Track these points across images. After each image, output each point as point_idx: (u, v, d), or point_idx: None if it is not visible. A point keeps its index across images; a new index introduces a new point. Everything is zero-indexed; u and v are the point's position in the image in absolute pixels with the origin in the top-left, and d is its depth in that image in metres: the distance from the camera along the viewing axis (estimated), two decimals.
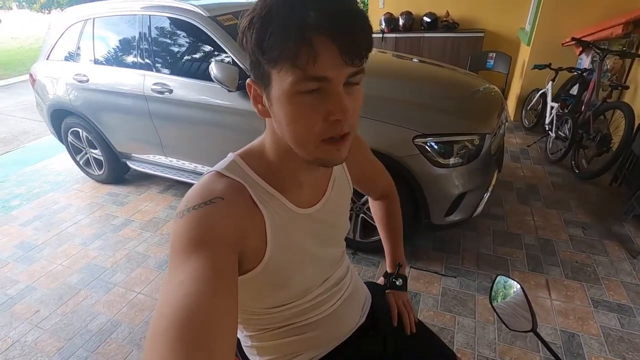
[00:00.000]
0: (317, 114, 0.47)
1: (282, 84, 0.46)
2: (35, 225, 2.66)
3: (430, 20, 4.26)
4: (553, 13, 3.34)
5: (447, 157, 1.76)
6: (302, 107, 0.47)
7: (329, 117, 0.47)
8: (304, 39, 0.42)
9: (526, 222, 2.34)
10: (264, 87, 0.50)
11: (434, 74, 2.44)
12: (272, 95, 0.49)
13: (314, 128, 0.48)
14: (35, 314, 1.88)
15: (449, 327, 1.67)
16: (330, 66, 0.44)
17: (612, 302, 1.73)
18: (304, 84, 0.45)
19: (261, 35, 0.44)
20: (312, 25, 0.42)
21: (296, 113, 0.48)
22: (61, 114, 2.97)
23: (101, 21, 2.60)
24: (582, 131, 2.74)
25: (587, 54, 3.24)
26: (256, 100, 0.53)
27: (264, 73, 0.48)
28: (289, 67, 0.44)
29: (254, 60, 0.48)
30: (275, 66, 0.46)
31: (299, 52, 0.43)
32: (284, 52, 0.44)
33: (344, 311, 0.75)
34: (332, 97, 0.46)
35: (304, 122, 0.48)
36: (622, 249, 2.06)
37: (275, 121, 0.52)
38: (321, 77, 0.45)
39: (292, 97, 0.46)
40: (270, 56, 0.45)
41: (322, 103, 0.47)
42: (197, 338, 0.38)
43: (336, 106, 0.47)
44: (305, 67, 0.44)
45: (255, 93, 0.53)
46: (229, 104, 2.10)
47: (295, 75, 0.44)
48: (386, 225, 0.95)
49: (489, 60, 3.84)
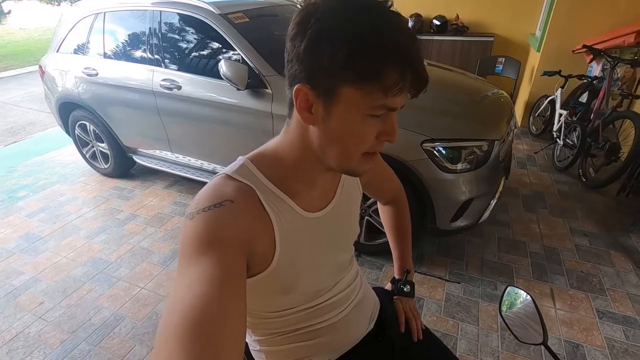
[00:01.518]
0: (373, 133, 0.52)
1: (357, 103, 0.48)
2: (41, 216, 2.68)
3: (440, 23, 4.24)
4: (564, 19, 3.31)
5: (455, 163, 1.75)
6: (365, 128, 0.51)
7: (380, 136, 0.52)
8: (404, 73, 0.46)
9: (532, 229, 2.33)
10: (324, 99, 0.49)
11: (443, 78, 2.42)
12: (334, 108, 0.49)
13: (366, 144, 0.53)
14: (39, 306, 1.89)
15: (452, 333, 1.67)
16: (403, 98, 0.50)
17: (617, 314, 1.72)
18: (379, 110, 0.49)
19: (356, 53, 0.45)
20: (412, 62, 0.46)
21: (357, 132, 0.51)
22: (69, 107, 2.98)
23: (112, 15, 2.60)
24: (591, 139, 2.72)
25: (598, 61, 3.21)
26: (304, 107, 0.51)
27: (332, 86, 0.48)
28: (376, 92, 0.47)
29: (324, 70, 0.47)
30: (358, 85, 0.47)
31: (396, 82, 0.46)
32: (380, 77, 0.45)
33: (354, 317, 0.75)
34: (390, 121, 0.52)
35: (360, 139, 0.52)
36: (629, 260, 2.05)
37: (322, 132, 0.53)
38: (394, 107, 0.50)
39: (361, 117, 0.50)
40: (361, 75, 0.46)
41: (380, 124, 0.51)
42: (206, 339, 0.38)
43: (391, 129, 0.52)
44: (389, 96, 0.47)
45: (305, 99, 0.51)
46: (238, 102, 2.10)
47: (379, 101, 0.47)
48: (395, 231, 0.95)
49: (498, 65, 3.82)
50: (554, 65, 3.24)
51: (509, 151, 2.18)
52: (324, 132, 0.52)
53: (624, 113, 2.68)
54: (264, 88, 2.02)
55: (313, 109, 0.51)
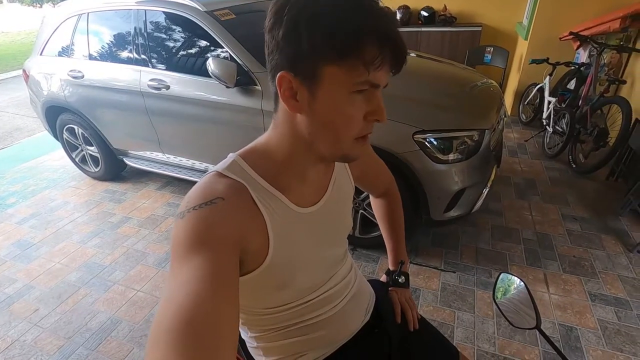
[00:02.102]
0: (360, 114, 0.52)
1: (340, 81, 0.48)
2: (32, 223, 2.64)
3: (428, 15, 4.24)
4: (551, 7, 3.33)
5: (447, 153, 1.76)
6: (351, 106, 0.50)
7: (368, 116, 0.52)
8: (382, 47, 0.46)
9: (524, 217, 2.36)
10: (307, 83, 0.49)
11: (433, 69, 2.43)
12: (318, 91, 0.49)
13: (355, 126, 0.52)
14: (34, 313, 1.87)
15: (449, 322, 1.69)
16: (385, 75, 0.50)
17: (609, 296, 1.75)
18: (363, 85, 0.49)
19: (331, 30, 0.45)
20: (389, 36, 0.46)
21: (344, 111, 0.51)
22: (56, 111, 2.93)
23: (96, 16, 2.56)
24: (580, 126, 2.75)
25: (585, 48, 3.24)
26: (289, 95, 0.51)
27: (313, 68, 0.48)
28: (358, 67, 0.47)
29: (303, 53, 0.47)
30: (338, 63, 0.47)
31: (376, 55, 0.46)
32: (360, 52, 0.46)
33: (350, 310, 0.75)
34: (375, 99, 0.52)
35: (349, 120, 0.52)
36: (619, 243, 2.08)
37: (310, 118, 0.52)
38: (378, 83, 0.50)
39: (346, 96, 0.49)
40: (337, 53, 0.46)
41: (366, 104, 0.51)
42: (199, 338, 0.38)
43: (378, 108, 0.52)
44: (371, 71, 0.47)
45: (289, 87, 0.50)
46: (227, 100, 2.08)
47: (361, 76, 0.48)
48: (388, 223, 0.95)
49: (487, 55, 3.84)
50: (542, 53, 3.26)
51: (500, 140, 2.20)
52: (312, 118, 0.52)
53: (612, 98, 2.72)
54: (254, 85, 2.00)
55: (298, 96, 0.51)
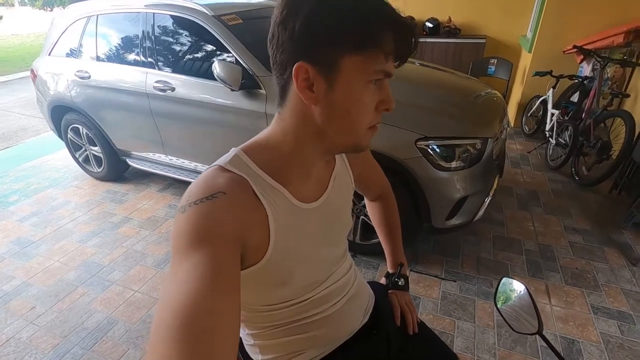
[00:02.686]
0: (373, 103, 0.54)
1: (358, 70, 0.49)
2: (33, 221, 2.64)
3: (433, 26, 4.28)
4: (555, 21, 3.36)
5: (449, 161, 1.76)
6: (367, 95, 0.52)
7: (379, 106, 0.54)
8: (399, 38, 0.49)
9: (526, 227, 2.34)
10: (325, 72, 0.50)
11: (437, 78, 2.44)
12: (336, 80, 0.50)
13: (369, 115, 0.54)
14: (30, 311, 1.86)
15: (449, 331, 1.66)
16: (395, 65, 0.52)
17: (612, 309, 1.73)
18: (380, 74, 0.51)
19: (354, 21, 0.47)
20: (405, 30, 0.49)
21: (361, 100, 0.52)
22: (62, 110, 2.95)
23: (104, 18, 2.60)
24: (583, 138, 2.75)
25: (588, 62, 3.26)
26: (304, 86, 0.51)
27: (332, 57, 0.49)
28: (377, 55, 0.49)
29: (320, 43, 0.48)
30: (357, 53, 0.48)
31: (393, 46, 0.49)
32: (379, 42, 0.48)
33: (349, 310, 0.75)
34: (384, 89, 0.54)
35: (364, 110, 0.53)
36: (622, 256, 2.06)
37: (325, 108, 0.53)
38: (390, 73, 0.52)
39: (363, 85, 0.51)
40: (360, 41, 0.48)
41: (377, 93, 0.53)
42: (200, 335, 0.38)
43: (388, 97, 0.54)
44: (389, 60, 0.50)
45: (306, 77, 0.50)
46: (232, 103, 2.09)
47: (380, 65, 0.50)
48: (385, 227, 0.95)
49: (491, 66, 3.86)
50: (545, 66, 3.28)
51: (503, 150, 2.20)
52: (328, 108, 0.52)
53: (615, 112, 2.72)
54: (258, 88, 2.02)
55: (314, 86, 0.51)
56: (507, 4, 4.06)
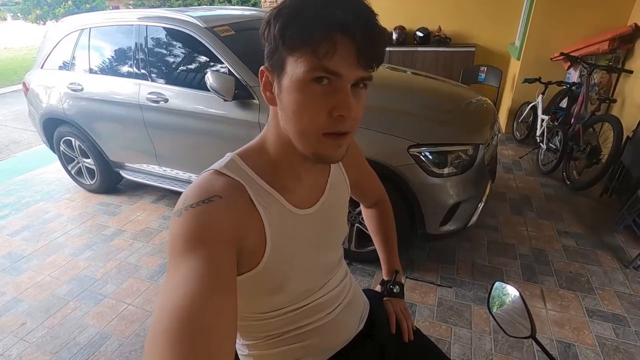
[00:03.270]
0: (323, 107, 0.49)
1: (297, 71, 0.48)
2: (24, 235, 2.60)
3: (423, 35, 4.35)
4: (541, 29, 3.44)
5: (442, 167, 1.77)
6: (310, 96, 0.49)
7: (333, 111, 0.49)
8: (329, 33, 0.46)
9: (520, 232, 2.36)
10: (277, 75, 0.51)
11: (428, 86, 2.48)
12: (283, 82, 0.51)
13: (318, 120, 0.50)
14: (20, 327, 1.82)
15: (445, 338, 1.66)
16: (345, 64, 0.47)
17: (606, 312, 1.74)
18: (317, 71, 0.47)
19: (288, 22, 0.47)
20: (339, 24, 0.46)
21: (304, 101, 0.49)
22: (54, 123, 2.94)
23: (97, 31, 2.61)
24: (572, 143, 2.79)
25: (576, 68, 3.33)
26: (266, 88, 0.55)
27: (280, 60, 0.50)
28: (307, 55, 0.47)
29: (273, 47, 0.50)
30: (294, 53, 0.48)
31: (321, 43, 0.46)
32: (307, 41, 0.46)
33: (344, 318, 0.74)
34: (339, 93, 0.49)
35: (309, 112, 0.50)
36: (615, 259, 2.08)
37: (280, 110, 0.54)
38: (334, 71, 0.47)
39: (303, 85, 0.49)
40: (291, 42, 0.47)
41: (329, 97, 0.49)
42: (197, 338, 0.38)
43: (342, 102, 0.49)
44: (322, 58, 0.46)
45: (267, 80, 0.54)
46: (225, 113, 2.10)
47: (313, 63, 0.47)
48: (381, 234, 0.95)
49: (481, 74, 3.92)
50: (534, 73, 3.34)
51: (494, 155, 2.22)
52: (281, 109, 0.53)
53: (603, 117, 2.77)
54: (251, 99, 2.03)
55: (273, 88, 0.53)
56: (496, 14, 4.15)
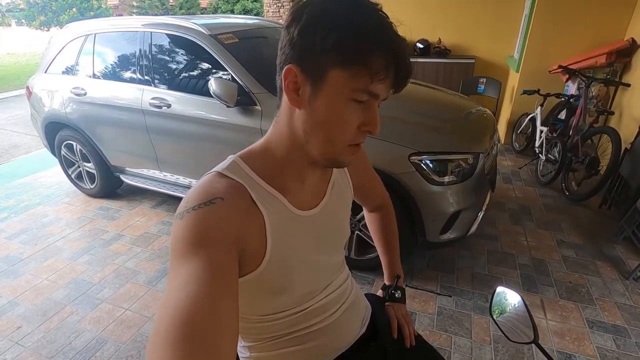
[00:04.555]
0: (355, 122, 0.53)
1: (342, 85, 0.49)
2: (22, 238, 2.59)
3: (423, 46, 4.41)
4: (540, 42, 3.49)
5: (442, 175, 1.78)
6: (347, 112, 0.52)
7: (362, 126, 0.53)
8: (390, 61, 0.48)
9: (519, 242, 2.36)
10: (312, 81, 0.51)
11: (429, 95, 2.50)
12: (321, 90, 0.51)
13: (348, 133, 0.53)
14: (16, 331, 1.80)
15: (445, 347, 1.64)
16: (387, 89, 0.52)
17: (607, 323, 1.73)
18: (362, 94, 0.50)
19: (344, 36, 0.47)
20: (396, 50, 0.49)
21: (342, 116, 0.52)
22: (56, 127, 2.95)
23: (102, 37, 2.64)
24: (571, 154, 2.81)
25: (574, 81, 3.37)
26: (291, 88, 0.52)
27: (321, 68, 0.50)
28: (361, 76, 0.48)
29: (316, 52, 0.49)
30: (345, 68, 0.48)
31: (381, 68, 0.48)
32: (367, 61, 0.48)
33: (346, 321, 0.74)
34: (371, 111, 0.53)
35: (343, 125, 0.53)
36: (615, 270, 2.08)
37: (308, 115, 0.53)
38: (378, 94, 0.51)
39: (345, 101, 0.51)
40: (345, 58, 0.48)
41: (362, 114, 0.52)
42: (198, 339, 0.38)
43: (372, 120, 0.53)
44: (375, 82, 0.49)
45: (294, 80, 0.52)
46: (227, 119, 2.12)
47: (365, 85, 0.49)
48: (383, 238, 0.95)
49: (480, 85, 3.96)
50: (533, 85, 3.38)
51: (494, 165, 2.24)
52: (310, 115, 0.53)
53: (601, 128, 2.80)
54: (254, 105, 2.05)
55: (300, 90, 0.52)
56: (495, 27, 4.22)
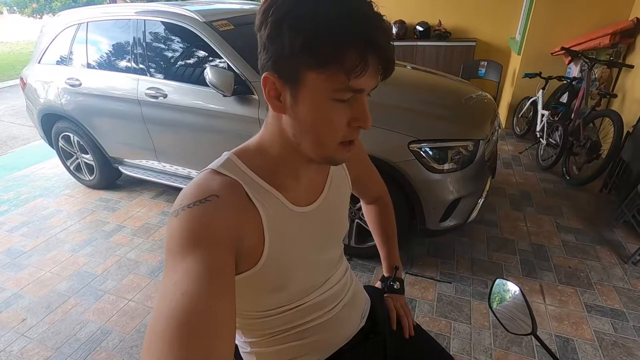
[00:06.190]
0: (344, 119, 0.51)
1: (320, 88, 0.47)
2: (24, 231, 2.60)
3: (423, 29, 4.32)
4: (543, 23, 3.42)
5: (442, 163, 1.77)
6: (333, 112, 0.49)
7: (352, 122, 0.51)
8: (364, 54, 0.45)
9: (519, 228, 2.36)
10: (290, 85, 0.49)
11: (428, 81, 2.46)
12: (300, 95, 0.49)
13: (338, 132, 0.51)
14: (21, 323, 1.83)
15: (445, 333, 1.67)
16: (369, 80, 0.48)
17: (605, 307, 1.75)
18: (344, 93, 0.48)
19: (313, 37, 0.44)
20: (371, 42, 0.45)
21: (326, 117, 0.50)
22: (52, 119, 2.93)
23: (95, 25, 2.58)
24: (572, 138, 2.79)
25: (576, 63, 3.31)
26: (272, 95, 0.51)
27: (295, 72, 0.47)
28: (337, 75, 0.46)
29: (287, 56, 0.46)
30: (319, 69, 0.46)
31: (355, 65, 0.45)
32: (339, 60, 0.45)
33: (345, 315, 0.74)
34: (360, 105, 0.50)
35: (330, 126, 0.51)
36: (614, 254, 2.09)
37: (294, 120, 0.52)
38: (360, 89, 0.48)
39: (327, 102, 0.49)
40: (318, 59, 0.45)
41: (350, 110, 0.50)
42: (195, 338, 0.38)
43: (362, 114, 0.51)
44: (352, 78, 0.46)
45: (273, 87, 0.50)
46: (224, 109, 2.09)
47: (340, 83, 0.46)
48: (381, 230, 0.95)
49: (481, 69, 3.90)
50: (534, 68, 3.33)
51: (494, 151, 2.22)
52: (295, 120, 0.52)
53: (603, 112, 2.76)
54: (251, 94, 2.02)
55: (282, 96, 0.51)
56: (496, 8, 4.12)
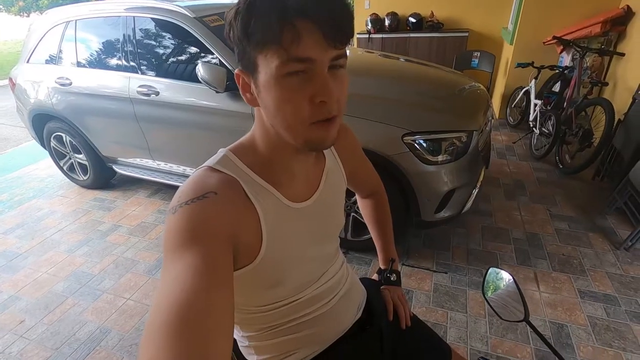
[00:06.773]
0: (304, 96, 0.48)
1: (269, 68, 0.47)
2: (18, 233, 2.59)
3: (416, 21, 4.31)
4: (534, 13, 3.42)
5: (436, 155, 1.78)
6: (288, 90, 0.48)
7: (314, 99, 0.48)
8: (286, 21, 0.44)
9: (514, 217, 2.39)
10: (252, 75, 0.51)
11: (421, 73, 2.46)
12: (259, 81, 0.50)
13: (302, 111, 0.49)
14: (20, 324, 1.83)
15: (442, 322, 1.69)
16: (313, 47, 0.46)
17: (598, 293, 1.78)
18: (290, 65, 0.46)
19: (246, 21, 0.46)
20: (295, 8, 0.44)
21: (283, 96, 0.48)
22: (43, 119, 2.89)
23: (83, 23, 2.55)
24: (565, 127, 2.81)
25: (568, 52, 3.32)
26: (244, 89, 0.54)
27: (250, 60, 0.49)
28: (275, 49, 0.46)
29: (241, 49, 0.49)
30: (261, 50, 0.47)
31: (282, 34, 0.44)
32: (268, 35, 0.45)
33: (342, 308, 0.75)
34: (317, 79, 0.48)
35: (291, 105, 0.49)
36: (606, 241, 2.12)
37: (263, 109, 0.53)
38: (305, 57, 0.46)
39: (279, 80, 0.47)
40: (255, 41, 0.46)
41: (308, 85, 0.48)
42: (193, 334, 0.38)
43: (321, 88, 0.48)
44: (289, 48, 0.45)
45: (244, 82, 0.53)
46: (217, 105, 2.08)
47: (281, 56, 0.46)
48: (376, 223, 0.96)
49: (474, 60, 3.90)
50: (527, 57, 3.33)
51: (488, 141, 2.23)
52: (264, 108, 0.53)
53: (595, 100, 2.78)
54: None
55: (251, 89, 0.53)
56: None
